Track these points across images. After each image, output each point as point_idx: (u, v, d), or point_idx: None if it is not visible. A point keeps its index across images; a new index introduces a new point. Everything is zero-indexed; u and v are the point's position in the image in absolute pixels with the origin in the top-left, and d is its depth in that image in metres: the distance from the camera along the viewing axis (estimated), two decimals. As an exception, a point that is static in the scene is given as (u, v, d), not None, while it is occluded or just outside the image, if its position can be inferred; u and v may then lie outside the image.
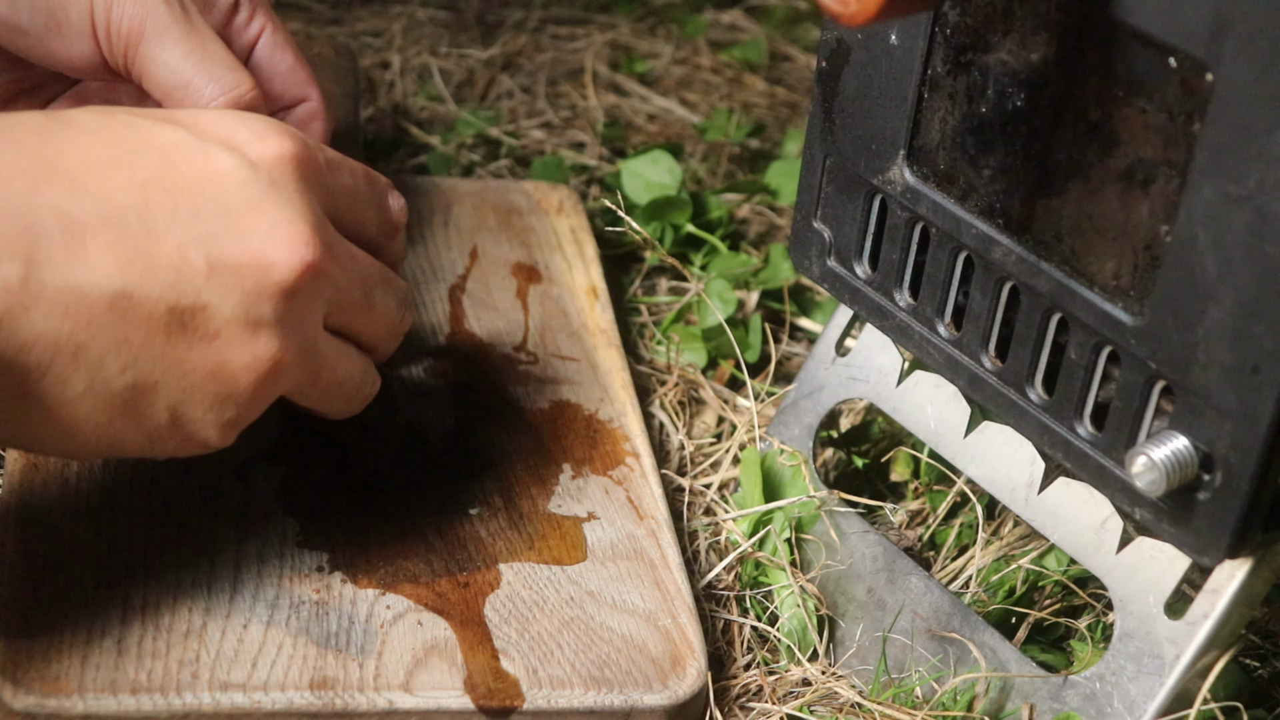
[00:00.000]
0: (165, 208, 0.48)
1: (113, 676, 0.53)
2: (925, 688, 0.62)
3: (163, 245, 0.48)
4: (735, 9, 1.12)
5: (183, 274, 0.48)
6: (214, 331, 0.49)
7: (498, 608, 0.59)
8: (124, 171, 0.48)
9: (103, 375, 0.48)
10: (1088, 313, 0.54)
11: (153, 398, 0.49)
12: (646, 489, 0.66)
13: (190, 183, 0.49)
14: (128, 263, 0.47)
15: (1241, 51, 0.47)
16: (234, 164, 0.50)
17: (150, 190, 0.48)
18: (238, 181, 0.50)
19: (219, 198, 0.49)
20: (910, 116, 0.59)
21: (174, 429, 0.51)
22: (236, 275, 0.49)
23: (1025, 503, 0.61)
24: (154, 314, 0.48)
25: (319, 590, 0.58)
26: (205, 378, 0.50)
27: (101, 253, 0.47)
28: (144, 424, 0.50)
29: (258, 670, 0.54)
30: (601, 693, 0.56)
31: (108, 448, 0.51)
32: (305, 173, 0.52)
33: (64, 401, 0.48)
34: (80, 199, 0.47)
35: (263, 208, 0.50)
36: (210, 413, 0.51)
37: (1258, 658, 0.65)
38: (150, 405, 0.50)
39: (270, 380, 0.51)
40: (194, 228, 0.48)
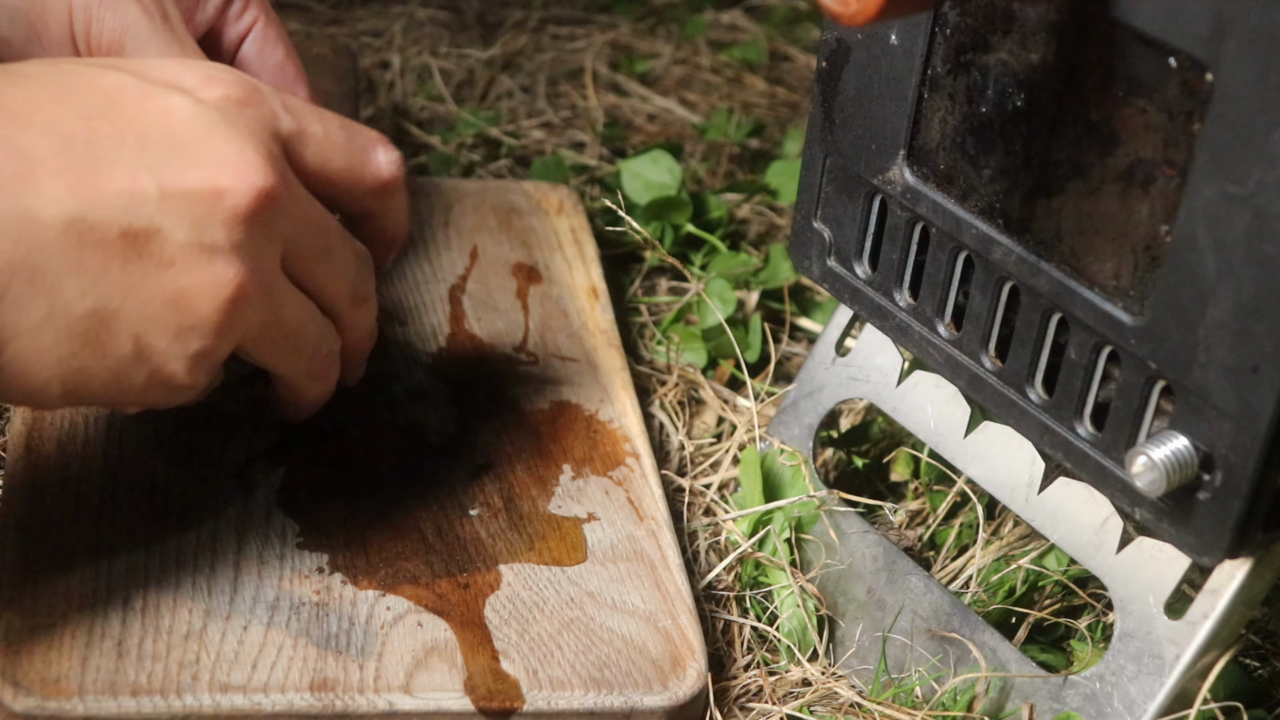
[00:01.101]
0: (113, 139, 0.49)
1: (113, 678, 0.53)
2: (925, 688, 0.62)
3: (112, 172, 0.48)
4: (735, 9, 1.12)
5: (134, 199, 0.49)
6: (169, 257, 0.49)
7: (498, 609, 0.59)
8: (69, 108, 0.49)
9: (62, 300, 0.48)
10: (1088, 313, 0.54)
11: (114, 326, 0.49)
12: (646, 490, 0.66)
13: (137, 117, 0.49)
14: (79, 188, 0.48)
15: (1241, 51, 0.46)
16: (181, 101, 0.50)
17: (96, 124, 0.49)
18: (185, 115, 0.50)
19: (166, 130, 0.50)
20: (910, 116, 0.59)
21: (139, 361, 0.51)
22: (188, 200, 0.49)
23: (1025, 503, 0.61)
24: (108, 238, 0.48)
25: (319, 591, 0.58)
26: (165, 305, 0.50)
27: (52, 180, 0.47)
28: (108, 356, 0.50)
29: (258, 672, 0.54)
30: (601, 694, 0.56)
31: (73, 385, 0.50)
32: (257, 113, 0.52)
33: (24, 330, 0.48)
34: (26, 131, 0.47)
35: (211, 138, 0.50)
36: (175, 344, 0.51)
37: (1258, 658, 0.65)
38: (113, 335, 0.49)
39: (231, 309, 0.51)
40: (143, 156, 0.49)
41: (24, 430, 0.62)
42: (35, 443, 0.62)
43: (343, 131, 0.57)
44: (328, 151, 0.56)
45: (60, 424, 0.63)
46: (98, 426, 0.63)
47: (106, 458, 0.62)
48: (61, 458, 0.61)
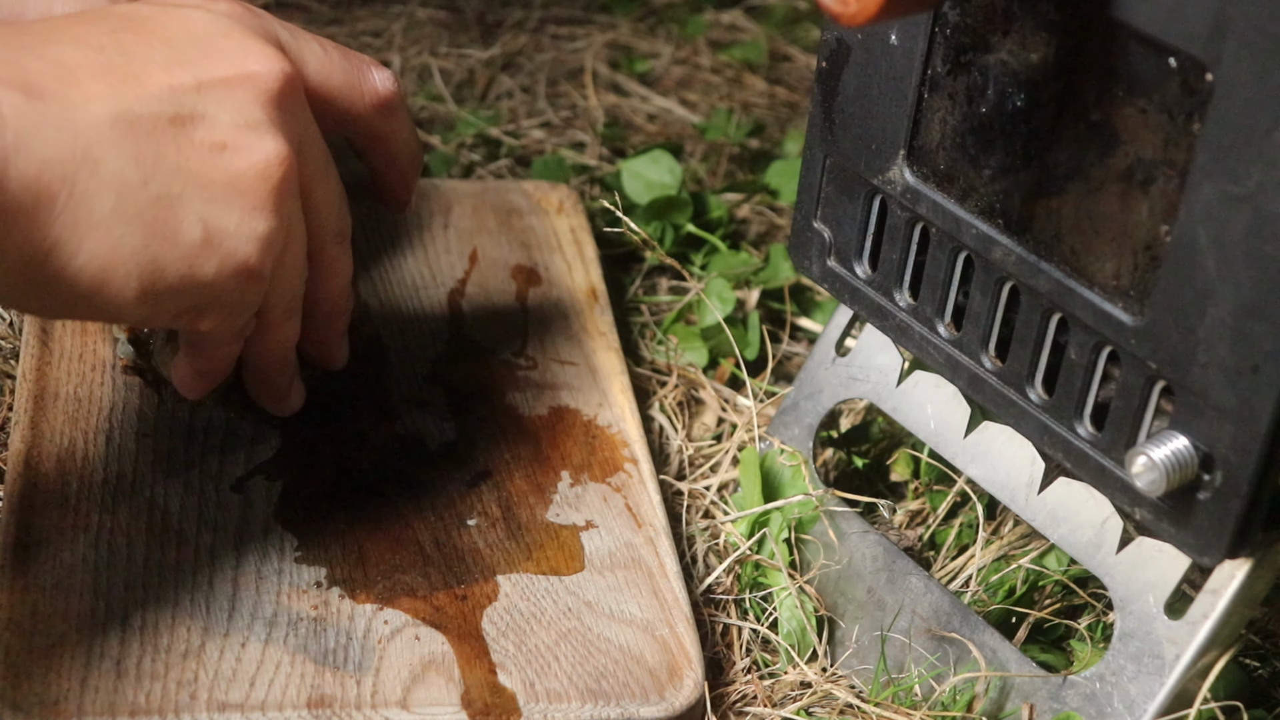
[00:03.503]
0: (141, 45, 0.51)
1: (112, 699, 0.53)
2: (924, 687, 0.62)
3: (148, 70, 0.51)
4: (735, 9, 1.12)
5: (175, 90, 0.51)
6: (220, 140, 0.52)
7: (495, 620, 0.59)
8: (93, 27, 0.51)
9: (128, 188, 0.50)
10: (1088, 313, 0.54)
11: (181, 211, 0.51)
12: (645, 496, 0.66)
13: (158, 26, 0.53)
14: (120, 86, 0.50)
15: (1241, 51, 0.46)
16: (195, 12, 0.54)
17: (122, 35, 0.51)
18: (203, 21, 0.54)
19: (189, 34, 0.53)
20: (910, 116, 0.59)
21: (209, 247, 0.52)
22: (225, 86, 0.52)
23: (1025, 503, 0.61)
24: (158, 126, 0.50)
25: (317, 606, 0.58)
26: (226, 187, 0.52)
27: (93, 82, 0.49)
28: (179, 243, 0.51)
29: (255, 690, 0.54)
30: (598, 705, 0.56)
31: (149, 282, 0.51)
32: (261, 23, 0.56)
33: (96, 224, 0.49)
34: (59, 46, 0.50)
35: (231, 36, 0.54)
36: (243, 224, 0.53)
37: (1258, 658, 0.65)
38: (180, 221, 0.51)
39: (286, 185, 0.54)
40: (173, 54, 0.52)
41: (23, 448, 0.62)
42: (34, 460, 0.62)
43: (338, 51, 0.59)
44: (326, 68, 0.59)
45: (59, 441, 0.63)
46: (96, 443, 0.63)
47: (105, 475, 0.62)
48: (60, 475, 0.61)
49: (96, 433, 0.63)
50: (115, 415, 0.64)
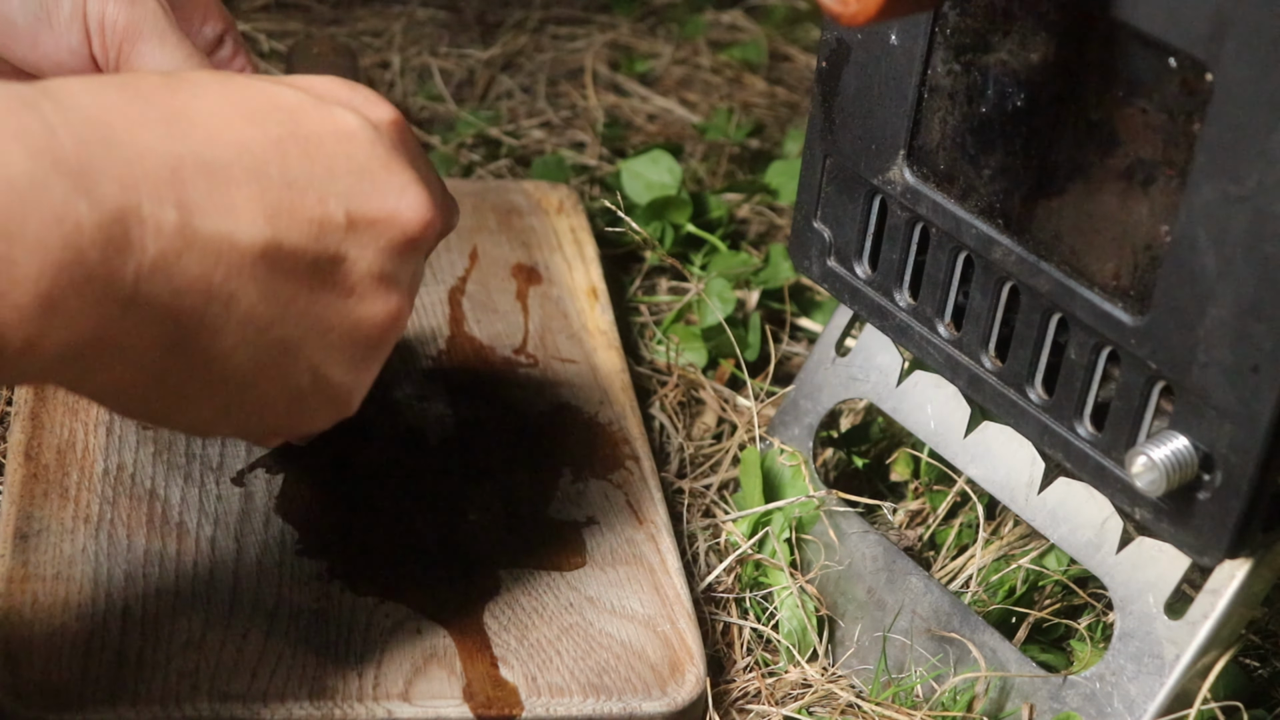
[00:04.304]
0: (302, 163, 0.48)
1: (113, 688, 0.53)
2: (925, 687, 0.62)
3: (304, 198, 0.48)
4: (735, 9, 1.12)
5: (324, 227, 0.48)
6: (351, 286, 0.50)
7: (497, 615, 0.59)
8: (257, 127, 0.48)
9: (255, 327, 0.48)
10: (1088, 313, 0.54)
11: (296, 357, 0.49)
12: (646, 492, 0.66)
13: (321, 139, 0.49)
14: (273, 214, 0.47)
15: (1241, 51, 0.46)
16: (359, 124, 0.50)
17: (286, 146, 0.48)
18: (365, 141, 0.50)
19: (351, 156, 0.50)
20: (910, 116, 0.59)
21: (315, 392, 0.51)
22: (372, 229, 0.50)
23: (1025, 503, 0.61)
24: (299, 266, 0.48)
25: (318, 599, 0.58)
26: (343, 336, 0.50)
27: (247, 203, 0.47)
28: (286, 386, 0.50)
29: (257, 680, 0.54)
30: (600, 700, 0.56)
31: (244, 415, 0.50)
32: (409, 137, 0.53)
33: (217, 355, 0.47)
34: (220, 149, 0.47)
35: (391, 167, 0.50)
36: (350, 373, 0.51)
37: (1258, 658, 0.65)
38: (294, 365, 0.49)
39: (393, 334, 0.52)
40: (331, 183, 0.49)
41: (23, 439, 0.62)
42: (35, 452, 0.62)
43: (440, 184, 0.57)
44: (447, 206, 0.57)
45: (60, 433, 0.63)
46: (97, 435, 0.63)
47: (106, 466, 0.62)
48: (61, 466, 0.61)
49: (97, 424, 0.64)
50: (116, 409, 0.64)
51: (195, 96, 0.48)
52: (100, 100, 0.45)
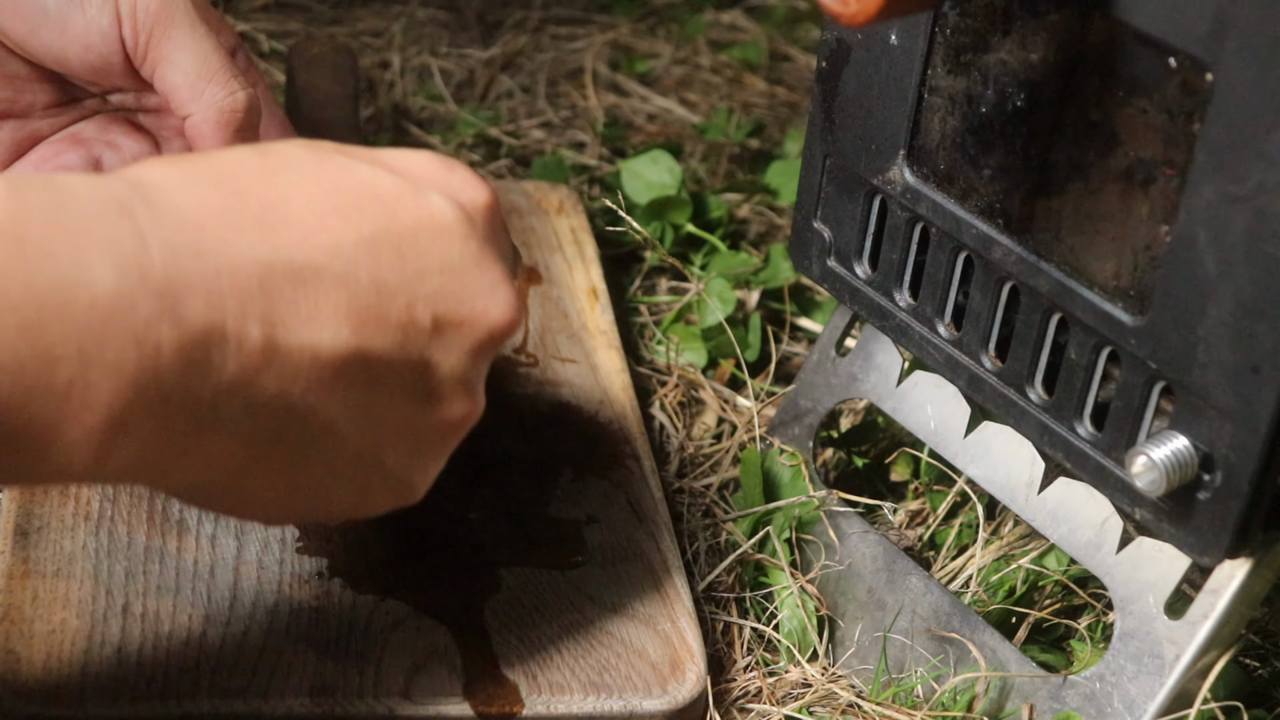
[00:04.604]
0: (394, 264, 0.47)
1: (113, 685, 0.53)
2: (925, 687, 0.62)
3: (393, 303, 0.46)
4: (735, 9, 1.12)
5: (410, 333, 0.47)
6: (432, 390, 0.49)
7: (497, 613, 0.59)
8: (351, 224, 0.46)
9: (331, 442, 0.47)
10: (1088, 313, 0.54)
11: (371, 465, 0.48)
12: (646, 491, 0.66)
13: (416, 234, 0.47)
14: (360, 322, 0.46)
15: (1241, 51, 0.46)
16: (455, 216, 0.49)
17: (379, 245, 0.46)
18: (460, 235, 0.48)
19: (444, 252, 0.48)
20: (910, 116, 0.59)
21: (384, 485, 0.50)
22: (458, 332, 0.48)
23: (1025, 503, 0.61)
24: (382, 374, 0.47)
25: (319, 597, 0.58)
26: (418, 438, 0.49)
27: (334, 311, 0.45)
28: (358, 483, 0.49)
29: (258, 677, 0.54)
30: (601, 698, 0.56)
31: (319, 507, 0.49)
32: (499, 221, 0.52)
33: (292, 464, 0.46)
34: (312, 252, 0.45)
35: (483, 264, 0.49)
36: (420, 471, 0.51)
37: (1258, 658, 0.65)
38: (370, 473, 0.49)
39: (466, 430, 0.51)
40: (422, 284, 0.47)
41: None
42: (35, 447, 0.62)
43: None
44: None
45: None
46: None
47: (106, 461, 0.62)
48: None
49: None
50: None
51: (292, 186, 0.46)
52: (196, 201, 0.44)
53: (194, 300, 0.42)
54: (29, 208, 0.40)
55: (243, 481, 0.46)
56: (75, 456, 0.41)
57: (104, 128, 0.71)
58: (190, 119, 0.65)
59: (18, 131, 0.68)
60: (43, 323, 0.39)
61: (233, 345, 0.43)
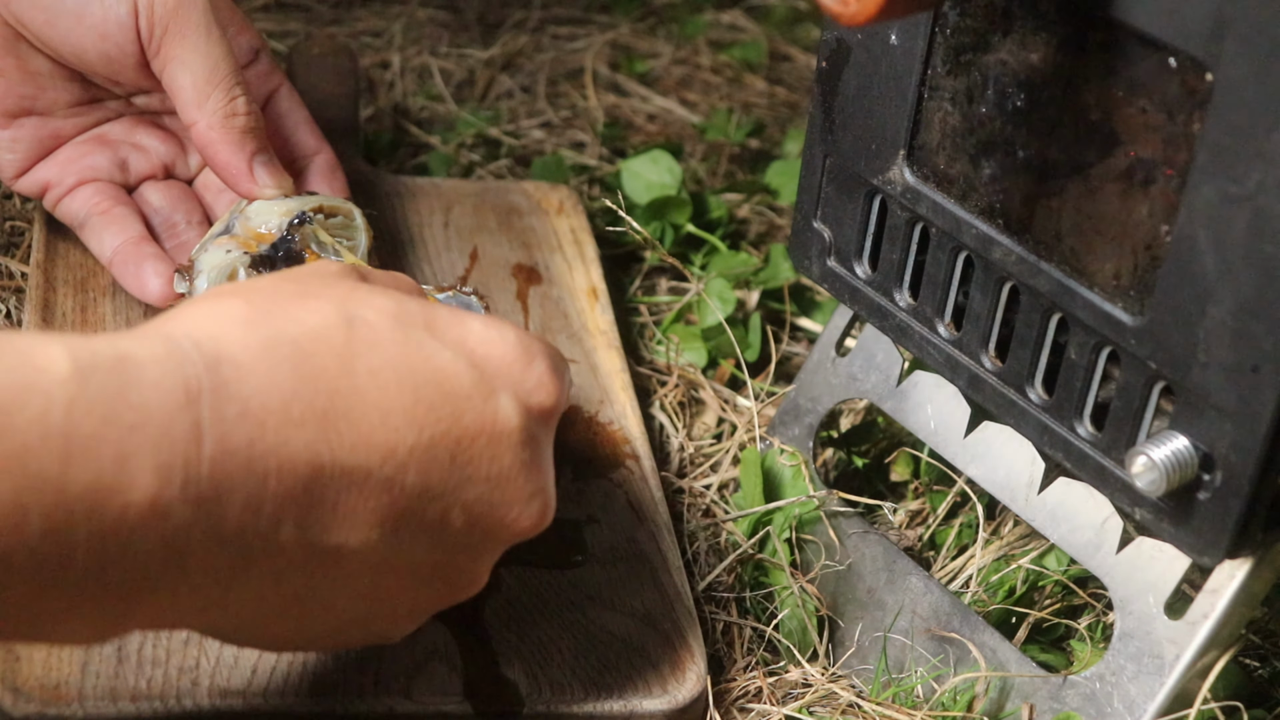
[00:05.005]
0: (444, 469, 0.47)
1: (113, 684, 0.53)
2: (925, 687, 0.62)
3: (431, 507, 0.47)
4: (735, 9, 1.12)
5: (441, 537, 0.48)
6: (451, 578, 0.50)
7: (497, 612, 0.59)
8: (414, 428, 0.46)
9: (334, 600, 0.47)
10: (1088, 313, 0.54)
11: (377, 622, 0.50)
12: (646, 491, 0.66)
13: (474, 439, 0.47)
14: (395, 526, 0.46)
15: (1241, 51, 0.46)
16: (518, 422, 0.48)
17: (436, 450, 0.46)
18: (515, 443, 0.48)
19: (494, 461, 0.48)
20: (910, 116, 0.59)
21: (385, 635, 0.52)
22: (485, 535, 0.49)
23: (1025, 503, 0.61)
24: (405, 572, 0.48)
25: (319, 595, 0.58)
26: (429, 606, 0.51)
27: (371, 515, 0.45)
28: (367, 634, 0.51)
29: (257, 676, 0.54)
30: (601, 698, 0.56)
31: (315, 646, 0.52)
32: (556, 420, 0.52)
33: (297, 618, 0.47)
34: (367, 454, 0.45)
35: (529, 473, 0.49)
36: (420, 620, 0.52)
37: (1258, 658, 0.65)
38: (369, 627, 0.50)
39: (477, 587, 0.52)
40: (464, 492, 0.47)
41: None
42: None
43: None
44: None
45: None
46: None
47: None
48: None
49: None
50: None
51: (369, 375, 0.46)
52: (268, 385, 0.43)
53: (232, 507, 0.42)
54: (89, 399, 0.39)
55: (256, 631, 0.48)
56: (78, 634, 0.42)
57: (130, 129, 0.71)
58: (195, 127, 0.65)
59: (40, 129, 0.68)
60: (70, 526, 0.38)
61: (262, 539, 0.43)
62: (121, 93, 0.70)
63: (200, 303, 0.46)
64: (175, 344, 0.42)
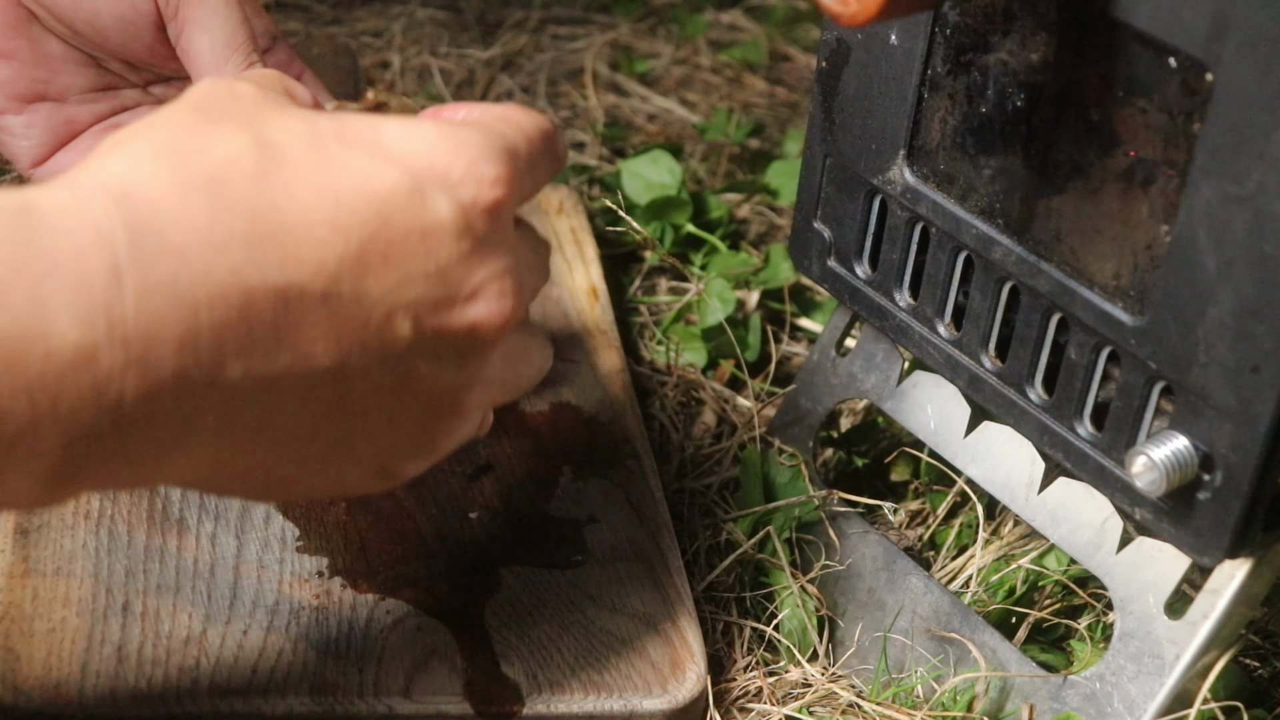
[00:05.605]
0: (379, 274, 0.45)
1: (113, 684, 0.53)
2: (925, 687, 0.62)
3: (372, 314, 0.45)
4: (735, 9, 1.12)
5: (389, 343, 0.46)
6: (421, 397, 0.48)
7: (497, 612, 0.59)
8: (341, 238, 0.44)
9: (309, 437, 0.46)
10: (1088, 313, 0.54)
11: (361, 461, 0.48)
12: (646, 491, 0.66)
13: (406, 239, 0.46)
14: (338, 339, 0.44)
15: (1241, 51, 0.46)
16: (450, 215, 0.46)
17: (367, 256, 0.45)
18: (451, 237, 0.46)
19: (431, 258, 0.46)
20: (910, 116, 0.59)
21: (380, 475, 0.50)
22: (441, 341, 0.47)
23: (1025, 503, 0.61)
24: (363, 389, 0.46)
25: (319, 596, 0.58)
26: (412, 437, 0.49)
27: (314, 332, 0.44)
28: (344, 483, 0.49)
29: (258, 676, 0.54)
30: (601, 697, 0.56)
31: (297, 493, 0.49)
32: (510, 206, 0.49)
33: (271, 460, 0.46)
34: (297, 270, 0.43)
35: (470, 266, 0.47)
36: (413, 464, 0.50)
37: (1258, 658, 0.65)
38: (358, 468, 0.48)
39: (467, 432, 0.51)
40: (404, 293, 0.46)
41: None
42: (35, 446, 0.62)
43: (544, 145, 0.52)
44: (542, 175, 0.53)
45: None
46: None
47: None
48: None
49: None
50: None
51: (285, 192, 0.44)
52: (183, 217, 0.42)
53: (165, 346, 0.40)
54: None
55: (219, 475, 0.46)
56: (22, 494, 0.40)
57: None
58: None
59: (53, 115, 0.68)
60: None
61: (205, 380, 0.41)
62: (137, 80, 0.69)
63: (103, 150, 0.44)
64: (80, 188, 0.41)
